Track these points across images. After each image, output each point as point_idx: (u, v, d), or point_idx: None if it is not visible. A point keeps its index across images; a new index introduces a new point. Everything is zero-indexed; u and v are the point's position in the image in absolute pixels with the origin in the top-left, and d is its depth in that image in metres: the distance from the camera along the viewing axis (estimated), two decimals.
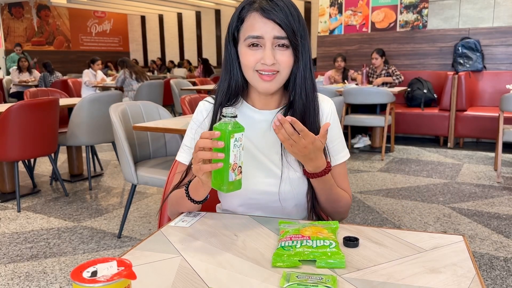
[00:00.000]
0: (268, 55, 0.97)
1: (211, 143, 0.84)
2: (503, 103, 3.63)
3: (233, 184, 0.87)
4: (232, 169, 0.85)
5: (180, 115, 6.50)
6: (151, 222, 2.89)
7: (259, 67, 1.00)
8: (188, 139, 1.13)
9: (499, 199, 3.25)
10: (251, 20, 0.99)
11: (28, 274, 2.18)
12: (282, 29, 0.97)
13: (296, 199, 1.09)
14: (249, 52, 1.00)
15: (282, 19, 0.96)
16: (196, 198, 0.99)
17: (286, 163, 1.06)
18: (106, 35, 15.72)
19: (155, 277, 0.75)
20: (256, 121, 1.10)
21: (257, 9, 0.98)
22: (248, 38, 0.99)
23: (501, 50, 5.31)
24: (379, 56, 5.24)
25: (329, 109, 1.11)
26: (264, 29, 0.97)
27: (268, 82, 1.01)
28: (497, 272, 2.16)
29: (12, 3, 12.72)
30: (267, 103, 1.10)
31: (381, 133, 4.91)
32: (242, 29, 1.01)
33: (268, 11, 0.96)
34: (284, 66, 1.00)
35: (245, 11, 1.00)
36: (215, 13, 14.30)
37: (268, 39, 0.98)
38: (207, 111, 1.13)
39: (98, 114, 3.46)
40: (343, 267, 0.77)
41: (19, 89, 7.94)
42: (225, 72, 1.07)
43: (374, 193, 3.43)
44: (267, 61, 0.98)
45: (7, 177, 3.45)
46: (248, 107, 1.11)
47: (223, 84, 1.08)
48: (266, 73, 1.00)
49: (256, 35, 0.98)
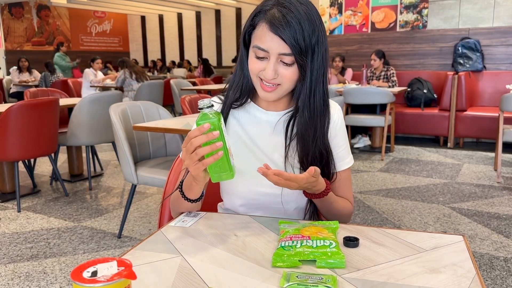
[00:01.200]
0: (269, 71, 0.96)
1: (206, 137, 0.83)
2: (503, 103, 3.63)
3: (233, 168, 0.89)
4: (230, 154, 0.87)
5: (180, 115, 6.50)
6: (151, 222, 2.89)
7: (262, 75, 0.99)
8: None
9: (499, 199, 3.25)
10: (260, 31, 0.96)
11: (28, 274, 2.18)
12: (288, 47, 0.94)
13: (297, 202, 1.09)
14: (255, 60, 0.99)
15: (289, 38, 0.92)
16: (190, 196, 0.99)
17: (289, 166, 1.06)
18: (106, 35, 15.72)
19: (155, 277, 0.75)
20: (261, 121, 1.09)
21: (268, 21, 0.94)
22: (255, 47, 0.98)
23: (501, 50, 5.31)
24: (378, 58, 5.24)
25: (337, 117, 1.10)
26: (271, 45, 0.95)
27: (269, 92, 1.00)
28: (497, 272, 2.16)
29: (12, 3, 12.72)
30: (274, 104, 1.09)
31: (381, 133, 4.91)
32: (253, 35, 1.00)
33: (276, 27, 0.92)
34: (286, 80, 0.98)
35: (257, 18, 0.98)
36: (215, 13, 14.30)
37: (273, 54, 0.96)
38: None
39: (98, 114, 3.46)
40: (343, 267, 0.77)
41: (19, 89, 7.94)
42: (239, 68, 1.07)
43: (374, 193, 3.43)
44: (266, 76, 0.97)
45: (7, 177, 3.45)
46: (255, 107, 1.11)
47: (232, 80, 1.09)
48: (267, 84, 0.99)
49: (262, 47, 0.96)
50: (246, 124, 1.10)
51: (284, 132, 1.07)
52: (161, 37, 15.84)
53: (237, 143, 1.09)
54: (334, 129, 1.09)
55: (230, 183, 1.10)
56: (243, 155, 1.07)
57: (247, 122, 1.10)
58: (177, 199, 1.04)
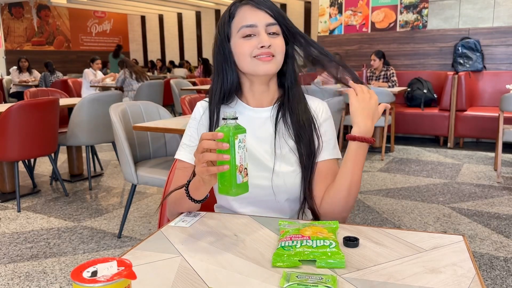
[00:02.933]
0: (265, 38, 1.03)
1: (216, 145, 0.83)
2: (503, 103, 3.63)
3: (241, 187, 0.86)
4: (239, 171, 0.84)
5: (180, 115, 6.50)
6: (151, 222, 2.89)
7: (256, 52, 1.04)
8: (187, 138, 1.15)
9: (499, 199, 3.25)
10: (242, 13, 1.05)
11: (28, 274, 2.18)
12: (272, 17, 1.05)
13: (288, 193, 1.10)
14: (244, 42, 1.05)
15: (271, 8, 1.05)
16: (196, 197, 0.99)
17: (279, 156, 1.09)
18: (106, 35, 15.71)
19: (155, 277, 0.75)
20: (250, 119, 1.12)
21: (247, 3, 1.05)
22: (241, 29, 1.04)
23: (501, 50, 5.31)
24: (377, 58, 5.24)
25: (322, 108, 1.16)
26: (257, 18, 1.04)
27: (268, 62, 1.05)
28: (497, 272, 2.16)
29: (12, 3, 12.72)
30: (261, 100, 1.13)
31: (381, 133, 4.90)
32: (234, 24, 1.06)
33: (257, 3, 1.04)
34: (279, 50, 1.05)
35: (234, 7, 1.07)
36: (215, 13, 14.29)
37: (261, 26, 1.04)
38: (204, 109, 1.15)
39: (98, 114, 3.46)
40: (343, 267, 0.77)
41: (19, 89, 7.94)
42: (218, 73, 1.10)
43: (374, 193, 3.43)
44: (264, 43, 1.03)
45: (7, 177, 3.45)
46: (242, 105, 1.14)
47: (216, 85, 1.11)
48: (264, 55, 1.04)
49: (249, 24, 1.04)
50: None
51: (273, 124, 1.11)
52: (161, 37, 15.83)
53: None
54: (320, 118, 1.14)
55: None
56: None
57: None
58: (179, 199, 1.04)
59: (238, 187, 0.85)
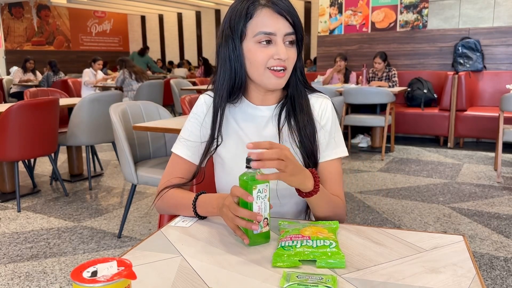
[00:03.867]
0: (282, 50, 0.98)
1: (249, 214, 0.84)
2: (503, 103, 3.63)
3: (259, 237, 0.87)
4: (257, 221, 0.85)
5: (180, 115, 6.50)
6: (151, 222, 2.89)
7: (272, 63, 1.00)
8: (187, 133, 1.12)
9: (499, 199, 3.25)
10: (262, 17, 0.98)
11: (28, 274, 2.18)
12: (292, 26, 0.99)
13: (293, 197, 1.06)
14: (260, 49, 0.99)
15: (292, 13, 0.99)
16: (202, 214, 1.01)
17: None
18: (106, 35, 15.71)
19: (155, 277, 0.75)
20: (255, 117, 1.10)
21: (268, 6, 0.99)
22: (259, 34, 0.98)
23: (501, 50, 5.31)
24: (382, 61, 5.24)
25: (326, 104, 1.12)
26: (277, 26, 0.98)
27: (280, 78, 1.02)
28: (497, 272, 2.16)
29: (12, 3, 12.72)
30: (265, 99, 1.11)
31: (381, 133, 4.91)
32: (251, 25, 0.99)
33: (280, 8, 0.98)
34: (291, 62, 1.03)
35: (253, 6, 0.99)
36: (215, 13, 14.30)
37: (280, 36, 0.99)
38: (208, 106, 1.11)
39: (98, 114, 3.46)
40: (343, 267, 0.77)
41: (19, 89, 7.94)
42: (225, 69, 1.03)
43: (374, 193, 3.43)
44: (282, 56, 0.98)
45: (7, 177, 3.45)
46: (247, 103, 1.11)
47: (221, 81, 1.05)
48: (279, 68, 1.00)
49: (268, 31, 0.98)
50: (242, 121, 1.11)
51: (276, 124, 1.09)
52: (161, 37, 15.83)
53: (235, 140, 1.10)
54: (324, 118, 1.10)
55: (226, 181, 1.12)
56: (239, 152, 1.07)
57: (242, 119, 1.11)
58: (181, 206, 1.04)
59: (255, 237, 0.86)
